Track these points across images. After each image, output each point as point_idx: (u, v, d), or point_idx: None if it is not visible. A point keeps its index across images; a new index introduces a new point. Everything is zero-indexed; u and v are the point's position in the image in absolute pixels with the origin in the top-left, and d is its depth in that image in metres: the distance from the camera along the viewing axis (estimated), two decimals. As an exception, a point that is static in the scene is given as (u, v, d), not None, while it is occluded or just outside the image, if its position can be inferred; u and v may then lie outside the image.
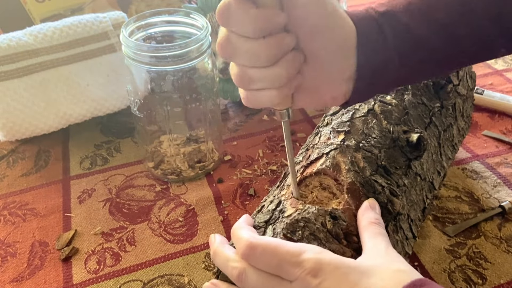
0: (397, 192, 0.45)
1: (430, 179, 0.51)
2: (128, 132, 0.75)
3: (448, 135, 0.55)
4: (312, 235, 0.39)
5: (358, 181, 0.44)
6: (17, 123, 0.65)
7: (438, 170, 0.53)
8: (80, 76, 0.68)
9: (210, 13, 0.71)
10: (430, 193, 0.51)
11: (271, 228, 0.41)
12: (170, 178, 0.65)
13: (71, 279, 0.53)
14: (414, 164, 0.48)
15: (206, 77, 0.61)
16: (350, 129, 0.49)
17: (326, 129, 0.51)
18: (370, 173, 0.45)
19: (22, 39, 0.65)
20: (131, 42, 0.56)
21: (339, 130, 0.49)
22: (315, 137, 0.51)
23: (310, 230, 0.39)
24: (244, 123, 0.76)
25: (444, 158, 0.55)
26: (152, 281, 0.52)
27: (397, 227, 0.45)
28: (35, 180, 0.67)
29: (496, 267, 0.51)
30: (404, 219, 0.46)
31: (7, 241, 0.57)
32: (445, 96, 0.56)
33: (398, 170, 0.47)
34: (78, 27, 0.68)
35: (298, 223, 0.40)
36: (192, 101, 0.61)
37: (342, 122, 0.50)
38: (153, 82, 0.59)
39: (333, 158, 0.45)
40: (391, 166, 0.46)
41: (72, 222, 0.60)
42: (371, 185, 0.44)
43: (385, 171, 0.46)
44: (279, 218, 0.41)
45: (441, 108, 0.55)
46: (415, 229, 0.48)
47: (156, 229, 0.58)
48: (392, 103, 0.51)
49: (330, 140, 0.48)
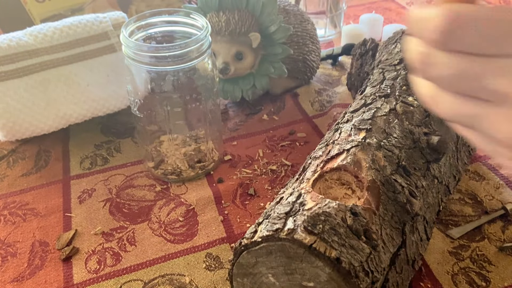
0: (415, 193, 0.45)
1: (446, 183, 0.51)
2: (128, 132, 0.75)
3: (465, 141, 0.55)
4: (332, 230, 0.38)
5: (379, 180, 0.43)
6: (17, 123, 0.65)
7: (454, 174, 0.53)
8: (80, 76, 0.68)
9: (210, 13, 0.71)
10: (445, 196, 0.51)
11: (292, 219, 0.39)
12: (170, 178, 0.65)
13: (71, 279, 0.53)
14: (432, 166, 0.48)
15: (206, 77, 0.61)
16: (371, 127, 0.49)
17: (347, 125, 0.51)
18: (390, 172, 0.45)
19: (22, 39, 0.65)
20: (131, 42, 0.56)
21: (361, 127, 0.49)
22: (335, 133, 0.51)
23: (330, 225, 0.38)
24: (244, 123, 0.76)
25: (460, 163, 0.54)
26: (153, 281, 0.52)
27: (413, 228, 0.44)
28: (35, 180, 0.67)
29: (500, 269, 0.51)
30: (420, 221, 0.45)
31: (7, 241, 0.57)
32: None
33: (417, 172, 0.47)
34: (78, 27, 0.68)
35: (319, 216, 0.39)
36: (192, 101, 0.61)
37: (364, 120, 0.50)
38: (153, 82, 0.59)
39: (354, 155, 0.45)
40: (410, 166, 0.46)
41: (72, 222, 0.60)
42: (391, 184, 0.44)
43: (404, 171, 0.46)
44: (300, 210, 0.40)
45: None
46: (429, 231, 0.48)
47: (156, 229, 0.58)
48: (414, 104, 0.51)
49: (351, 137, 0.48)
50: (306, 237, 0.37)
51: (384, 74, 0.57)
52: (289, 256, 0.38)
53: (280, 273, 0.40)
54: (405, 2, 1.14)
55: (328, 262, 0.37)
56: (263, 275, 0.41)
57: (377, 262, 0.39)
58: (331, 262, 0.37)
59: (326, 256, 0.37)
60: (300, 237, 0.37)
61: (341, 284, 0.37)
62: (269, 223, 0.40)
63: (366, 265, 0.38)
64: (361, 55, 0.69)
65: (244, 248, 0.40)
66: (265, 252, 0.39)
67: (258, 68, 0.74)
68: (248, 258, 0.41)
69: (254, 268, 0.41)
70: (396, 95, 0.52)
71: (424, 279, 0.51)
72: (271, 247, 0.39)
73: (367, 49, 0.69)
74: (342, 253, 0.37)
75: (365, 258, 0.38)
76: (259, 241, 0.39)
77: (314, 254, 0.37)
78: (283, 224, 0.39)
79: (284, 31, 0.71)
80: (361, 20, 0.99)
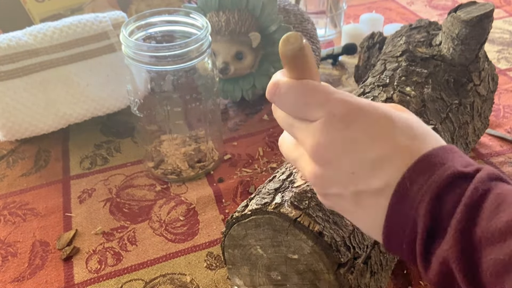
0: None
1: None
2: (128, 132, 0.75)
3: (462, 132, 0.56)
4: (318, 206, 0.40)
5: None
6: (17, 123, 0.65)
7: None
8: (80, 76, 0.68)
9: (210, 13, 0.71)
10: None
11: (280, 195, 0.42)
12: (170, 178, 0.65)
13: (72, 278, 0.53)
14: None
15: (206, 76, 0.61)
16: None
17: None
18: None
19: (22, 39, 0.65)
20: (131, 42, 0.56)
21: None
22: None
23: (316, 202, 0.40)
24: (244, 123, 0.76)
25: None
26: (154, 280, 0.52)
27: None
28: (35, 180, 0.67)
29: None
30: None
31: (8, 241, 0.57)
32: (464, 94, 0.56)
33: None
34: (78, 27, 0.68)
35: (306, 193, 0.41)
36: (192, 100, 0.61)
37: None
38: (153, 82, 0.59)
39: None
40: None
41: (73, 222, 0.60)
42: None
43: None
44: (289, 187, 0.43)
45: (459, 105, 0.55)
46: None
47: (157, 229, 0.58)
48: (411, 94, 0.52)
49: None
50: (292, 212, 0.40)
51: (385, 65, 0.58)
52: (275, 229, 0.41)
53: (268, 245, 0.42)
54: (405, 1, 1.14)
55: (311, 236, 0.39)
56: (252, 247, 0.43)
57: (360, 239, 0.41)
58: (314, 235, 0.39)
59: (310, 230, 0.39)
60: (286, 211, 0.40)
61: (323, 257, 0.39)
62: (259, 197, 0.43)
63: (348, 241, 0.40)
64: (369, 48, 0.70)
65: (235, 220, 0.42)
66: (254, 225, 0.41)
67: (258, 68, 0.74)
68: (238, 230, 0.43)
69: (244, 240, 0.43)
70: (394, 85, 0.53)
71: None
72: (259, 220, 0.41)
73: (375, 42, 0.69)
74: (325, 228, 0.39)
75: (348, 234, 0.41)
76: (249, 214, 0.41)
77: (299, 228, 0.39)
78: (272, 199, 0.42)
79: (284, 31, 0.71)
80: (361, 20, 0.99)
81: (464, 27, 0.53)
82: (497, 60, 0.89)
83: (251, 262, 0.44)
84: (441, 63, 0.56)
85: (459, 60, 0.56)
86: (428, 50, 0.58)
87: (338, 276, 0.40)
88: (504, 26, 1.01)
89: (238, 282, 0.46)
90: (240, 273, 0.46)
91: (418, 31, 0.62)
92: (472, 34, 0.54)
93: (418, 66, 0.56)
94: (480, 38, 0.55)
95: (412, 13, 1.09)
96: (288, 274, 0.42)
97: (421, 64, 0.56)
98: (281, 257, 0.42)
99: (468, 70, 0.57)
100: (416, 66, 0.56)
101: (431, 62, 0.56)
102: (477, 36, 0.54)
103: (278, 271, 0.43)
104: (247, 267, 0.45)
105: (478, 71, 0.58)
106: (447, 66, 0.56)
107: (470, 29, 0.53)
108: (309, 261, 0.40)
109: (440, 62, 0.56)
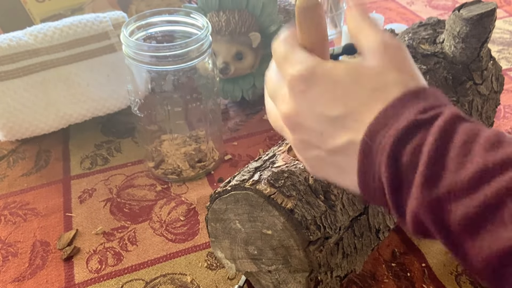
0: None
1: None
2: (128, 132, 0.75)
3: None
4: (292, 186, 0.43)
5: None
6: (17, 123, 0.65)
7: None
8: (80, 76, 0.68)
9: (210, 13, 0.71)
10: None
11: (259, 173, 0.44)
12: (171, 178, 0.65)
13: (72, 278, 0.53)
14: None
15: (207, 76, 0.61)
16: None
17: None
18: None
19: (22, 39, 0.65)
20: (132, 42, 0.56)
21: None
22: None
23: (292, 181, 0.43)
24: (244, 123, 0.76)
25: None
26: (154, 280, 0.52)
27: None
28: (36, 180, 0.67)
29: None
30: None
31: (8, 241, 0.57)
32: (462, 92, 0.56)
33: None
34: (78, 27, 0.68)
35: (283, 173, 0.44)
36: (192, 100, 0.61)
37: None
38: (154, 82, 0.59)
39: None
40: None
41: (73, 222, 0.60)
42: None
43: None
44: (269, 167, 0.46)
45: (456, 102, 0.56)
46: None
47: (157, 229, 0.58)
48: None
49: None
50: (267, 189, 0.42)
51: None
52: (252, 205, 0.43)
53: (245, 220, 0.44)
54: (405, 1, 1.14)
55: (283, 212, 0.41)
56: (232, 221, 0.46)
57: (332, 220, 0.43)
58: (286, 212, 0.41)
59: (282, 207, 0.41)
60: (261, 188, 0.42)
61: (293, 234, 0.42)
62: (240, 175, 0.46)
63: (319, 220, 0.42)
64: None
65: (218, 195, 0.45)
66: (233, 200, 0.44)
67: (258, 68, 0.74)
68: (220, 205, 0.45)
69: (224, 214, 0.46)
70: None
71: (426, 280, 0.51)
72: (238, 195, 0.44)
73: None
74: (297, 206, 0.42)
75: (320, 214, 0.43)
76: (229, 190, 0.44)
77: (272, 204, 0.42)
78: (251, 176, 0.44)
79: (284, 31, 0.70)
80: (361, 20, 0.99)
81: (465, 25, 0.54)
82: (497, 60, 0.89)
83: (231, 236, 0.47)
84: (442, 60, 0.57)
85: (460, 58, 0.56)
86: (431, 47, 0.58)
87: (307, 253, 0.42)
88: (504, 26, 1.01)
89: (220, 255, 0.49)
90: (222, 246, 0.48)
91: (425, 28, 0.62)
92: (473, 32, 0.54)
93: (418, 62, 0.56)
94: (481, 37, 0.55)
95: (412, 13, 1.09)
96: (263, 249, 0.45)
97: (422, 60, 0.57)
98: (257, 232, 0.44)
99: (469, 69, 0.57)
100: (416, 62, 0.56)
101: (432, 59, 0.57)
102: (478, 35, 0.54)
103: (254, 246, 0.45)
104: (227, 240, 0.47)
105: (480, 70, 0.58)
106: (447, 63, 0.57)
107: (471, 27, 0.53)
108: (281, 237, 0.42)
109: (441, 59, 0.57)
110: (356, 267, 0.48)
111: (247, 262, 0.47)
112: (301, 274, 0.43)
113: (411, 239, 0.55)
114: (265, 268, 0.46)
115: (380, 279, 0.51)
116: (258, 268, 0.47)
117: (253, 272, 0.47)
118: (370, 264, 0.53)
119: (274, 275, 0.46)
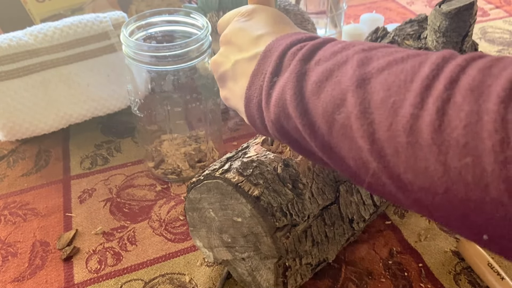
0: None
1: None
2: (128, 132, 0.75)
3: None
4: (260, 174, 0.44)
5: None
6: (17, 123, 0.65)
7: None
8: (80, 76, 0.68)
9: (210, 13, 0.71)
10: None
11: (229, 163, 0.46)
12: (171, 178, 0.65)
13: (72, 278, 0.53)
14: None
15: (207, 76, 0.61)
16: None
17: None
18: None
19: (22, 39, 0.65)
20: (132, 42, 0.56)
21: None
22: None
23: (260, 170, 0.45)
24: (244, 123, 0.76)
25: None
26: (153, 280, 0.52)
27: (352, 189, 0.50)
28: (36, 180, 0.67)
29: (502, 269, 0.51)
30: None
31: (8, 241, 0.57)
32: None
33: None
34: (78, 27, 0.68)
35: (252, 163, 0.45)
36: (192, 100, 0.61)
37: None
38: (154, 82, 0.59)
39: None
40: None
41: (73, 222, 0.60)
42: None
43: None
44: (240, 157, 0.47)
45: None
46: (378, 199, 0.52)
47: (157, 228, 0.58)
48: None
49: None
50: (235, 177, 0.44)
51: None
52: (222, 193, 0.44)
53: (217, 208, 0.46)
54: (405, 1, 1.14)
55: (250, 200, 0.43)
56: (206, 210, 0.47)
57: (299, 208, 0.45)
58: (252, 199, 0.43)
59: (249, 195, 0.43)
60: (230, 177, 0.44)
61: (260, 221, 0.43)
62: (213, 165, 0.47)
63: (285, 208, 0.44)
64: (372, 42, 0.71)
65: (193, 185, 0.47)
66: (206, 189, 0.46)
67: (258, 68, 0.74)
68: (195, 194, 0.47)
69: (199, 203, 0.47)
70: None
71: (423, 280, 0.51)
72: (209, 185, 0.45)
73: (377, 36, 0.70)
74: (263, 193, 0.43)
75: (286, 202, 0.44)
76: (202, 179, 0.46)
77: (240, 192, 0.43)
78: (221, 166, 0.46)
79: (284, 31, 0.70)
80: (361, 20, 0.99)
81: (444, 19, 0.54)
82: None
83: (207, 224, 0.48)
84: None
85: None
86: (414, 42, 0.59)
87: (275, 240, 0.43)
88: (504, 26, 1.01)
89: (199, 244, 0.51)
90: (199, 235, 0.50)
91: (411, 25, 0.63)
92: (452, 26, 0.54)
93: None
94: (461, 31, 0.55)
95: (412, 13, 1.09)
96: (235, 237, 0.46)
97: None
98: (229, 220, 0.46)
99: None
100: None
101: None
102: (458, 29, 0.55)
103: (228, 234, 0.47)
104: (204, 229, 0.49)
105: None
106: None
107: (450, 21, 0.54)
108: (250, 224, 0.44)
109: None
110: (329, 256, 0.49)
111: (223, 250, 0.49)
112: (270, 261, 0.45)
113: (408, 239, 0.55)
114: (239, 255, 0.48)
115: (377, 278, 0.51)
116: (233, 256, 0.48)
117: (229, 260, 0.49)
118: (367, 262, 0.53)
119: (248, 262, 0.47)
